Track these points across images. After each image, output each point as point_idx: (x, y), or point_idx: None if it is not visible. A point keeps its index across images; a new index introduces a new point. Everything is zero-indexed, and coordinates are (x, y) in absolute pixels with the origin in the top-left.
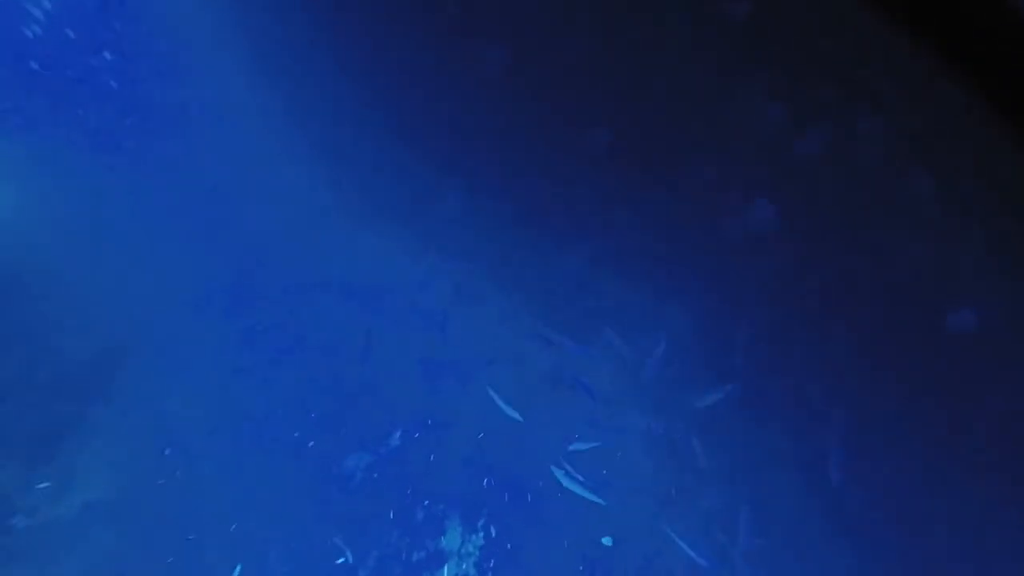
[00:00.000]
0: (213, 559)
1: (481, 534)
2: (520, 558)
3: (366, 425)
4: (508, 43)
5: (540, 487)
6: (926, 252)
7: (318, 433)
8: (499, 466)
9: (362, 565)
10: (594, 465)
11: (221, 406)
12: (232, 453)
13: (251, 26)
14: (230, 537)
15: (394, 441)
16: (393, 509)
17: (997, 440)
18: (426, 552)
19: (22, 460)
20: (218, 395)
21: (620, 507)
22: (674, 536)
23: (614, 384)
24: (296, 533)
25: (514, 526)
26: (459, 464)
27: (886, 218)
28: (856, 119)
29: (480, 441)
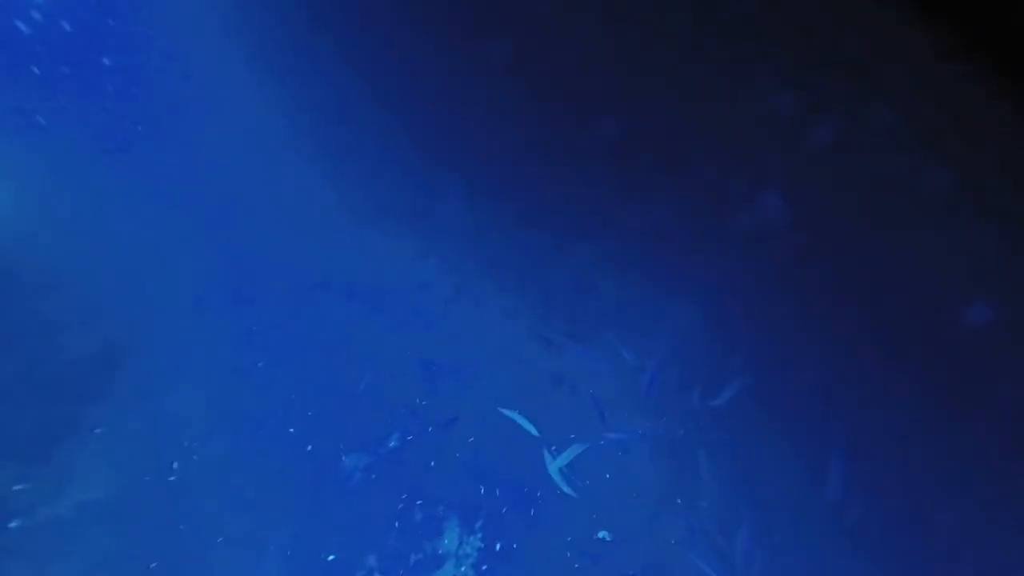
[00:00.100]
0: (211, 559)
1: (479, 535)
2: (518, 560)
3: (365, 426)
4: (512, 37)
5: (539, 489)
6: (940, 245)
7: (317, 433)
8: (498, 468)
9: (360, 566)
10: (594, 467)
11: (220, 406)
12: (230, 453)
13: (252, 26)
14: (227, 537)
15: (392, 442)
16: (391, 510)
17: (1012, 441)
18: (424, 554)
19: (20, 460)
20: (217, 395)
21: (620, 509)
22: (673, 539)
23: (615, 385)
24: (294, 533)
25: (512, 528)
26: (458, 466)
27: (899, 210)
28: (868, 109)
29: (479, 443)
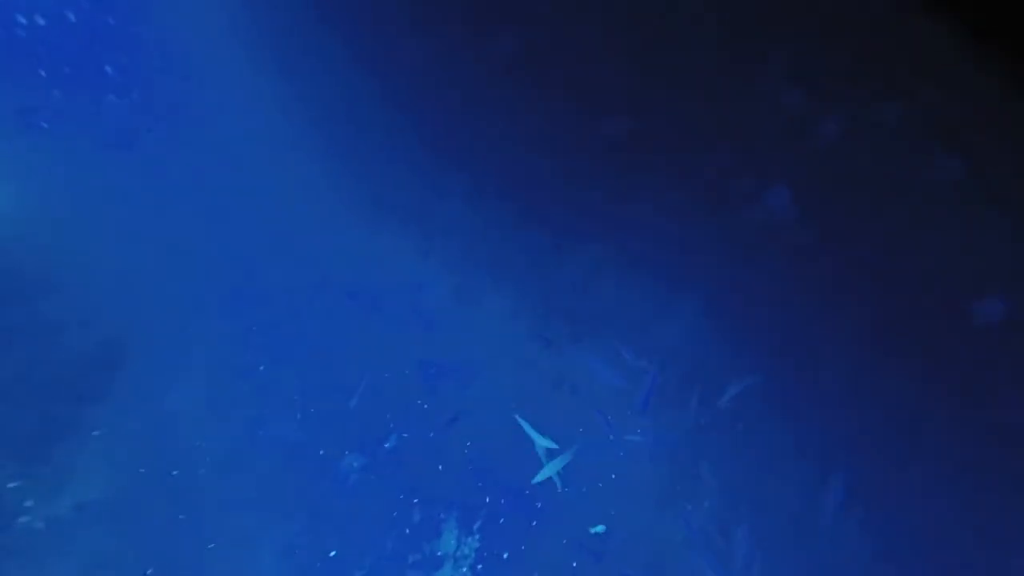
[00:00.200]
0: (209, 559)
1: (477, 537)
2: (516, 562)
3: (363, 426)
4: (517, 36)
5: (538, 491)
6: (952, 240)
7: (315, 434)
8: (497, 469)
9: (357, 567)
10: (594, 467)
11: (219, 406)
12: (230, 453)
13: (255, 23)
14: (226, 537)
15: (391, 442)
16: (389, 511)
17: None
18: (421, 555)
19: (19, 459)
20: (216, 395)
21: (620, 509)
22: (673, 539)
23: (615, 386)
24: (292, 533)
25: (511, 530)
26: (457, 466)
27: (909, 205)
28: (878, 102)
29: (479, 444)
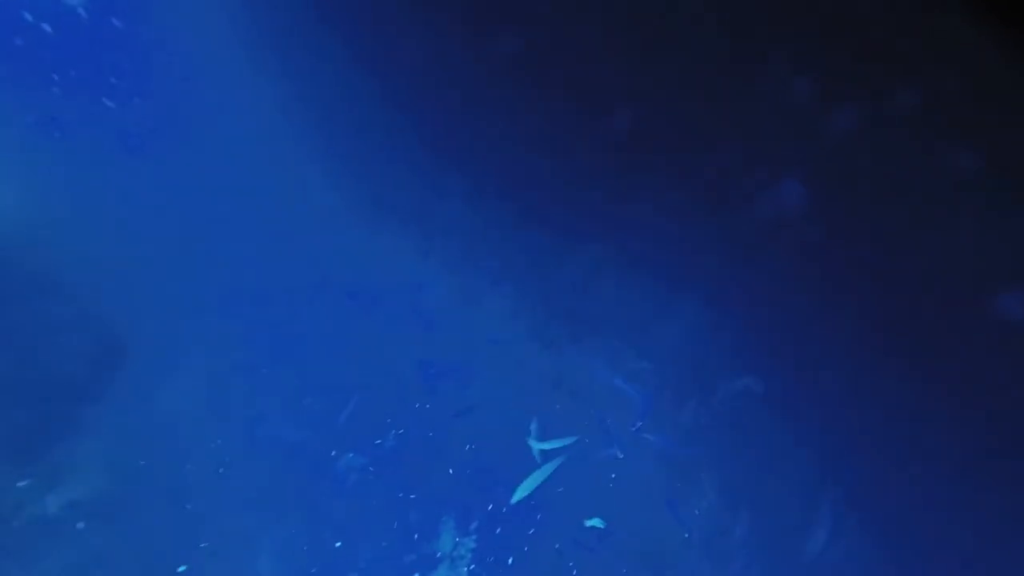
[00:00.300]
0: (206, 558)
1: (474, 537)
2: (514, 562)
3: (361, 426)
4: (517, 33)
5: (536, 491)
6: (969, 234)
7: (313, 433)
8: (495, 469)
9: (353, 567)
10: (593, 468)
11: (218, 405)
12: (228, 453)
13: (255, 23)
14: (223, 536)
15: (390, 442)
16: (387, 511)
17: None
18: (418, 555)
19: (17, 459)
20: (215, 394)
21: (618, 510)
22: (673, 539)
23: (615, 387)
24: (290, 533)
25: (508, 531)
26: (455, 467)
27: (925, 198)
28: (892, 91)
29: (477, 444)
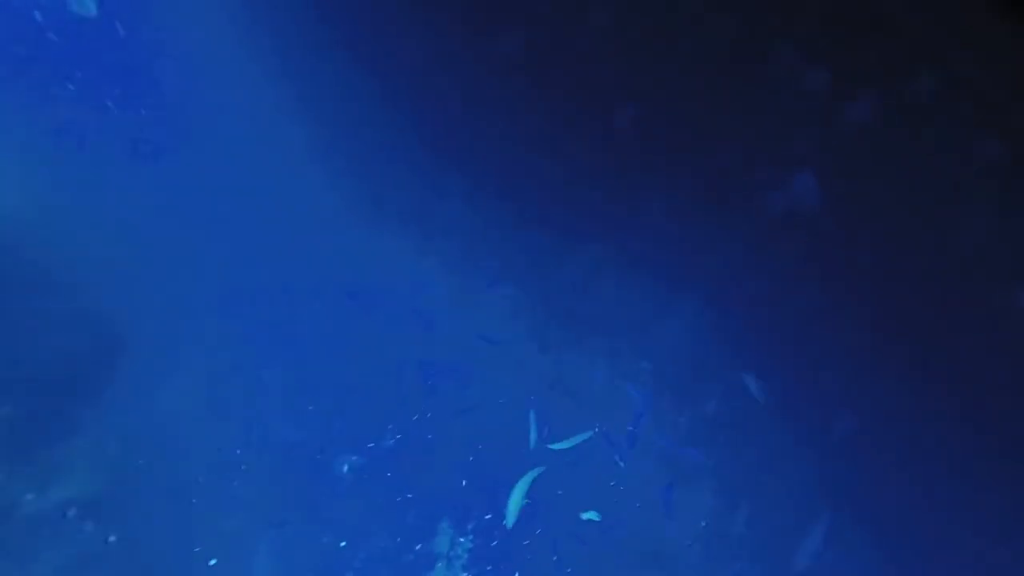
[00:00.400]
0: (203, 558)
1: (471, 537)
2: (511, 562)
3: (360, 426)
4: (517, 33)
5: (534, 491)
6: (991, 226)
7: (311, 433)
8: (493, 470)
9: (349, 567)
10: (593, 468)
11: (217, 405)
12: (226, 452)
13: (256, 24)
14: (220, 536)
15: (387, 442)
16: (383, 510)
17: None
18: (415, 554)
19: (15, 457)
20: (213, 394)
21: (617, 510)
22: (672, 539)
23: (614, 386)
24: (287, 532)
25: (505, 531)
26: (453, 467)
27: (946, 190)
28: (910, 80)
29: (474, 445)
